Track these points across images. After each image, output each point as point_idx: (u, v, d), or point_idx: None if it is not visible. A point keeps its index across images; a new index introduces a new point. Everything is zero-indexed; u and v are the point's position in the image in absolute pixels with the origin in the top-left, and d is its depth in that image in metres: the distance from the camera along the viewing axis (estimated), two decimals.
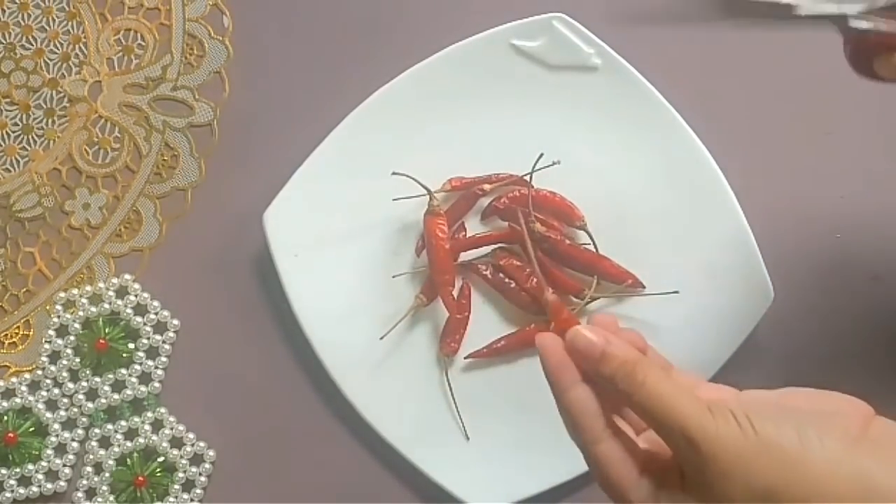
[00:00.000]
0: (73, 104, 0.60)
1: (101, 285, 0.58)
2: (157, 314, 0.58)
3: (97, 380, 0.57)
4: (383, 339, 0.55)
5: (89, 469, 0.57)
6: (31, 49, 0.61)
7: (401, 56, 0.57)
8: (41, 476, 0.57)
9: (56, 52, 0.61)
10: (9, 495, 0.57)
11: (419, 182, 0.55)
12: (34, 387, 0.58)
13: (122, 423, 0.57)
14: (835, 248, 0.57)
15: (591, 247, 0.56)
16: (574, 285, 0.56)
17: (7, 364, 0.59)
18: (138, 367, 0.58)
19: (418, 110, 0.57)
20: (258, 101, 0.60)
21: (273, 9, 0.61)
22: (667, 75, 0.57)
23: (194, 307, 0.58)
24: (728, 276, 0.55)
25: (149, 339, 0.58)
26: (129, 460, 0.57)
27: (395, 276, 0.56)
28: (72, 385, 0.57)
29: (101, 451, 0.57)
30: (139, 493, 0.56)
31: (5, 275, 0.59)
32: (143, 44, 0.61)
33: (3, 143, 0.60)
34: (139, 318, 0.58)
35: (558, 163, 0.55)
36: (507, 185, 0.57)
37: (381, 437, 0.55)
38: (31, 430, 0.57)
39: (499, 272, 0.56)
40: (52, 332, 0.58)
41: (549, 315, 0.43)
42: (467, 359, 0.56)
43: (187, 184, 0.60)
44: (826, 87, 0.58)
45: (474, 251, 0.57)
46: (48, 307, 0.59)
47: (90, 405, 0.57)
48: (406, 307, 0.56)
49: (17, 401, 0.57)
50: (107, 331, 0.57)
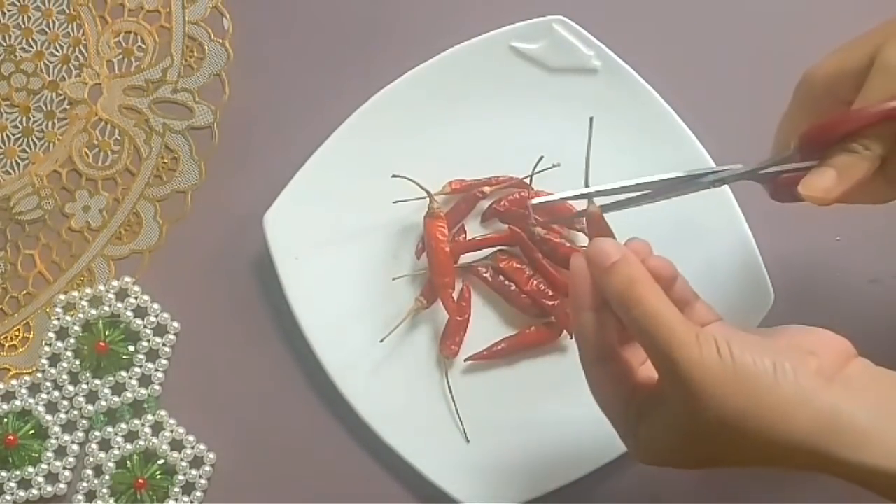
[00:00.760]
0: (74, 106, 0.61)
1: (101, 288, 0.58)
2: (157, 317, 0.58)
3: (97, 382, 0.57)
4: (383, 341, 0.55)
5: (89, 472, 0.57)
6: (31, 51, 0.61)
7: (401, 58, 0.57)
8: (41, 479, 0.57)
9: (56, 55, 0.61)
10: (9, 498, 0.57)
11: (419, 185, 0.55)
12: (34, 389, 0.58)
13: (123, 425, 0.57)
14: (835, 250, 0.57)
15: None
16: None
17: (7, 366, 0.59)
18: (138, 369, 0.58)
19: (418, 113, 0.57)
20: (258, 104, 0.60)
21: (273, 11, 0.61)
22: (667, 78, 0.57)
23: (194, 310, 0.58)
24: (728, 278, 0.55)
25: (149, 341, 0.58)
26: (129, 463, 0.57)
27: (395, 279, 0.56)
28: (72, 387, 0.57)
29: (101, 454, 0.57)
30: (139, 496, 0.56)
31: (5, 277, 0.60)
32: (143, 46, 0.61)
33: (3, 146, 0.60)
34: (139, 321, 0.58)
35: (558, 165, 0.55)
36: (507, 187, 0.57)
37: (381, 439, 0.55)
38: (31, 432, 0.57)
39: (499, 274, 0.56)
40: (52, 334, 0.58)
41: (587, 228, 0.45)
42: (467, 361, 0.56)
43: (187, 186, 0.60)
44: None
45: (474, 253, 0.57)
46: (48, 309, 0.59)
47: (90, 408, 0.57)
48: (406, 309, 0.56)
49: (17, 403, 0.57)
50: (107, 333, 0.57)
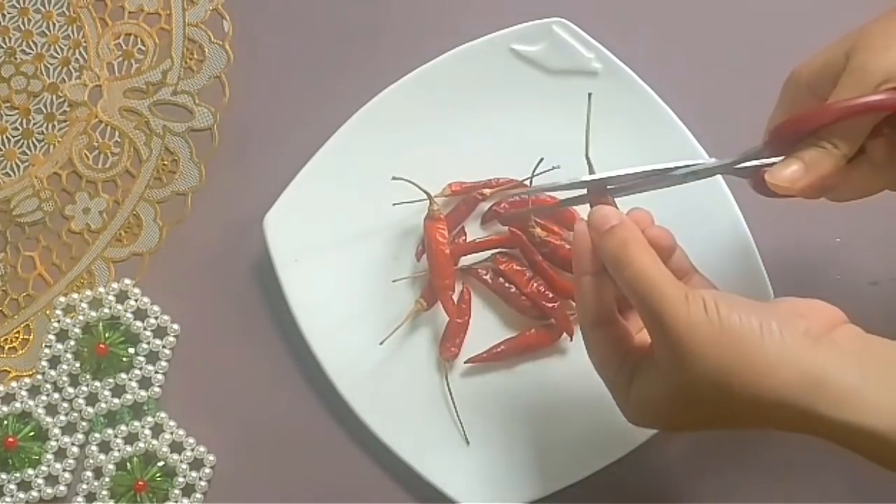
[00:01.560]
0: (74, 109, 0.61)
1: (101, 290, 0.58)
2: (157, 319, 0.58)
3: (97, 384, 0.57)
4: (383, 343, 0.55)
5: (89, 474, 0.57)
6: (31, 54, 0.61)
7: (400, 61, 0.57)
8: (41, 481, 0.57)
9: (56, 57, 0.61)
10: (9, 500, 0.57)
11: (419, 187, 0.55)
12: (34, 391, 0.58)
13: (123, 427, 0.57)
14: (835, 252, 0.57)
15: None
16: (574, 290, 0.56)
17: (7, 368, 0.59)
18: (138, 371, 0.58)
19: (418, 115, 0.57)
20: (258, 106, 0.60)
21: (273, 14, 0.61)
22: (666, 80, 0.57)
23: (194, 312, 0.58)
24: (728, 279, 0.54)
25: (149, 343, 0.58)
26: (129, 465, 0.57)
27: (395, 281, 0.56)
28: (72, 389, 0.57)
29: (102, 456, 0.57)
30: (139, 498, 0.56)
31: (5, 279, 0.60)
32: (143, 48, 0.61)
33: (3, 148, 0.61)
34: (139, 323, 0.58)
35: (558, 167, 0.55)
36: (507, 189, 0.57)
37: (381, 441, 0.55)
38: (31, 434, 0.57)
39: (499, 277, 0.56)
40: (52, 336, 0.58)
41: (591, 199, 0.46)
42: (467, 363, 0.56)
43: (187, 188, 0.60)
44: None
45: (474, 255, 0.57)
46: (48, 312, 0.59)
47: (90, 410, 0.57)
48: (406, 312, 0.56)
49: (18, 405, 0.57)
50: (107, 335, 0.57)
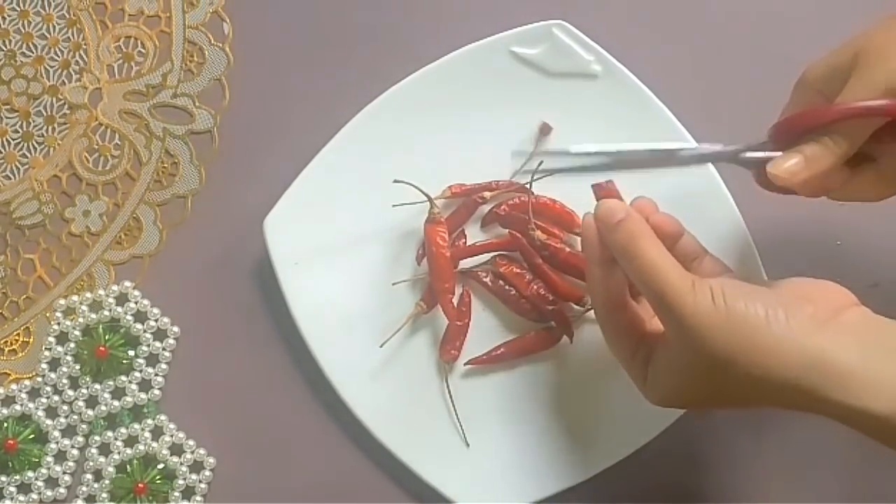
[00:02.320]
0: (74, 111, 0.61)
1: (101, 292, 0.58)
2: (157, 321, 0.58)
3: (97, 387, 0.57)
4: (383, 346, 0.55)
5: (89, 476, 0.57)
6: (31, 56, 0.61)
7: (401, 63, 0.57)
8: (41, 483, 0.57)
9: (56, 60, 0.61)
10: (9, 503, 0.57)
11: (420, 189, 0.55)
12: (34, 394, 0.58)
13: (122, 430, 0.57)
14: (835, 255, 0.57)
15: None
16: (575, 292, 0.56)
17: (7, 371, 0.59)
18: (138, 374, 0.58)
19: (418, 117, 0.57)
20: (258, 109, 0.60)
21: (273, 16, 0.61)
22: (667, 82, 0.57)
23: (194, 314, 0.58)
24: None
25: (149, 346, 0.58)
26: (128, 467, 0.57)
27: (395, 284, 0.56)
28: (72, 392, 0.57)
29: (101, 459, 0.57)
30: (139, 500, 0.56)
31: (5, 282, 0.59)
32: (143, 51, 0.61)
33: (3, 151, 0.61)
34: (139, 326, 0.58)
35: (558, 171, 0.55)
36: (507, 192, 0.57)
37: (381, 444, 0.55)
38: (30, 437, 0.57)
39: (499, 279, 0.56)
40: (52, 339, 0.58)
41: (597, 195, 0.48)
42: (467, 366, 0.56)
43: (187, 191, 0.60)
44: None
45: (474, 258, 0.57)
46: (48, 314, 0.59)
47: (90, 412, 0.57)
48: (406, 314, 0.56)
49: (17, 408, 0.57)
50: (107, 338, 0.57)
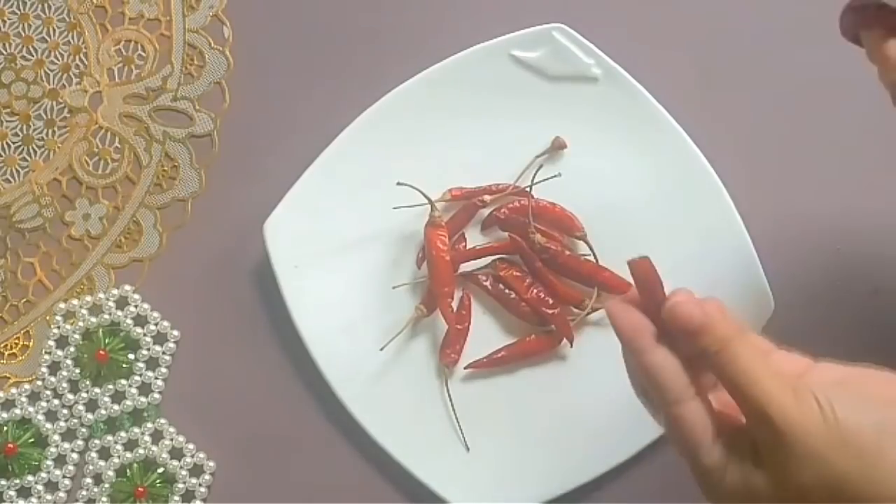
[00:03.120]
0: (74, 115, 0.61)
1: (101, 296, 0.58)
2: (157, 325, 0.58)
3: (97, 390, 0.57)
4: (383, 349, 0.55)
5: (89, 480, 0.57)
6: (31, 60, 0.61)
7: (400, 67, 0.57)
8: (41, 487, 0.57)
9: (56, 63, 0.61)
10: None
11: (422, 192, 0.55)
12: (34, 397, 0.58)
13: (122, 433, 0.57)
14: (836, 260, 0.57)
15: (591, 257, 0.56)
16: (575, 296, 0.56)
17: (7, 375, 0.59)
18: (138, 377, 0.57)
19: (418, 121, 0.57)
20: (258, 112, 0.60)
21: (273, 20, 0.61)
22: (667, 85, 0.57)
23: (194, 318, 0.58)
24: (730, 287, 0.55)
25: (149, 349, 0.58)
26: (128, 471, 0.57)
27: (395, 287, 0.56)
28: (72, 396, 0.57)
29: (101, 462, 0.57)
30: None
31: (5, 285, 0.59)
32: (143, 54, 0.61)
33: (3, 154, 0.60)
34: (139, 329, 0.58)
35: (559, 175, 0.55)
36: (507, 195, 0.57)
37: (381, 447, 0.55)
38: (30, 440, 0.57)
39: (499, 283, 0.56)
40: (52, 342, 0.58)
41: (634, 279, 0.41)
42: (467, 369, 0.56)
43: (187, 194, 0.60)
44: (827, 99, 0.58)
45: (475, 261, 0.57)
46: (48, 318, 0.59)
47: (90, 416, 0.57)
48: (406, 318, 0.56)
49: (17, 412, 0.57)
50: (107, 341, 0.57)
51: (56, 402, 0.57)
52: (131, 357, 0.58)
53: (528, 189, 0.56)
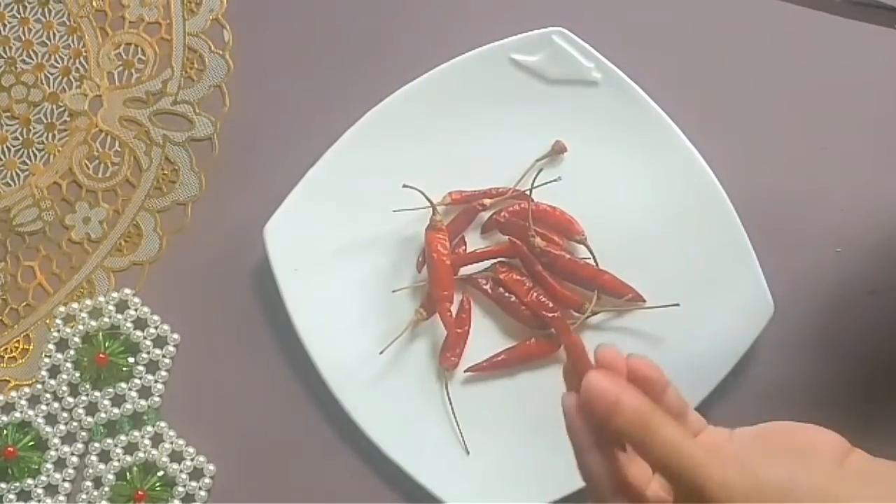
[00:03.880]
0: (74, 118, 0.61)
1: (101, 299, 0.58)
2: (156, 328, 0.58)
3: (97, 394, 0.57)
4: (383, 353, 0.55)
5: (89, 483, 0.57)
6: (31, 63, 0.61)
7: (400, 70, 0.57)
8: (41, 490, 0.57)
9: (56, 67, 0.61)
10: None
11: (425, 195, 0.55)
12: (34, 401, 0.58)
13: (122, 437, 0.57)
14: (834, 262, 0.57)
15: (591, 261, 0.56)
16: (575, 299, 0.56)
17: (7, 378, 0.59)
18: (138, 381, 0.57)
19: (418, 124, 0.57)
20: (258, 116, 0.60)
21: (273, 23, 0.61)
22: (667, 89, 0.57)
23: (194, 321, 0.58)
24: (729, 289, 0.55)
25: (149, 353, 0.58)
26: (128, 475, 0.57)
27: (395, 291, 0.56)
28: (71, 399, 0.57)
29: (101, 466, 0.57)
30: None
31: (5, 289, 0.59)
32: (143, 58, 0.61)
33: (3, 158, 0.61)
34: (139, 333, 0.58)
35: (559, 179, 0.55)
36: (507, 199, 0.57)
37: (381, 451, 0.55)
38: (30, 444, 0.57)
39: (499, 286, 0.56)
40: (51, 346, 0.58)
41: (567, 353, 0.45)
42: (467, 372, 0.56)
43: (187, 198, 0.60)
44: (824, 102, 0.58)
45: (475, 265, 0.57)
46: (48, 321, 0.59)
47: (90, 419, 0.57)
48: (406, 321, 0.56)
49: (17, 415, 0.57)
50: (107, 345, 0.57)
51: (56, 405, 0.57)
52: (131, 360, 0.58)
53: (528, 192, 0.56)
